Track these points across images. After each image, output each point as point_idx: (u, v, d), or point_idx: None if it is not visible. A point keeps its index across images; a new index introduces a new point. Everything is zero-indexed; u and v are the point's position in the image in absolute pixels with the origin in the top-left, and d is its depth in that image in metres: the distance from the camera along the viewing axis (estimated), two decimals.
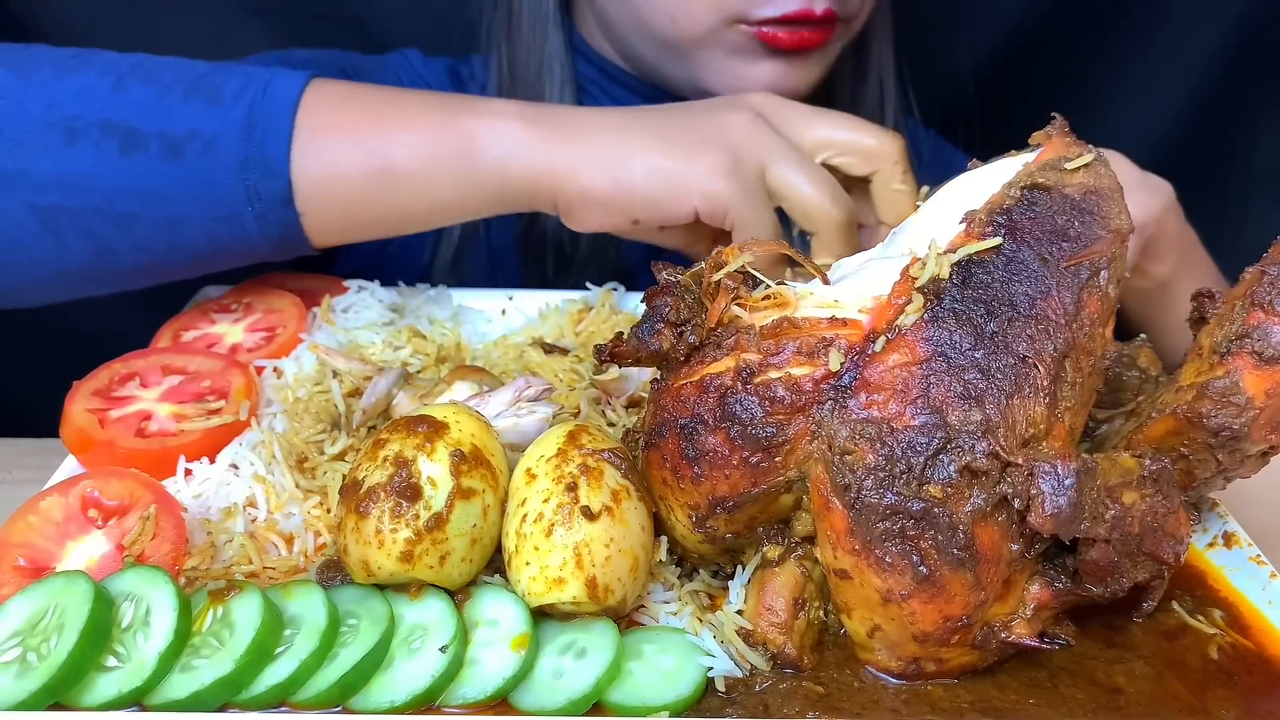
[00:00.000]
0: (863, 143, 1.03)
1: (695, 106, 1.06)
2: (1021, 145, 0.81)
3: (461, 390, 0.88)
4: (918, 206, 0.82)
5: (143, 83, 0.94)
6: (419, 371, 1.00)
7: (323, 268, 1.18)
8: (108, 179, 0.92)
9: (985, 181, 0.78)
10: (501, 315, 1.16)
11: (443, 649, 0.68)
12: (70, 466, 0.87)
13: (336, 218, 0.99)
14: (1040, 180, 0.75)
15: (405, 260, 1.34)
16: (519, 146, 0.97)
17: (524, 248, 1.37)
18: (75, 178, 0.92)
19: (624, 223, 1.00)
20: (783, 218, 1.03)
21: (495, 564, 0.76)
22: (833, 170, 1.03)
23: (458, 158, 0.97)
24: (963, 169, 0.82)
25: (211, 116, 0.93)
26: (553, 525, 0.70)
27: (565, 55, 1.34)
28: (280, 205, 0.95)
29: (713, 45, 1.21)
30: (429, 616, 0.71)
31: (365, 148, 0.96)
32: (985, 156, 0.82)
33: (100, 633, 0.66)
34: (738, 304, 0.74)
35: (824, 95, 1.39)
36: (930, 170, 1.50)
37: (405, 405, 0.90)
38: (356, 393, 0.94)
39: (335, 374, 0.96)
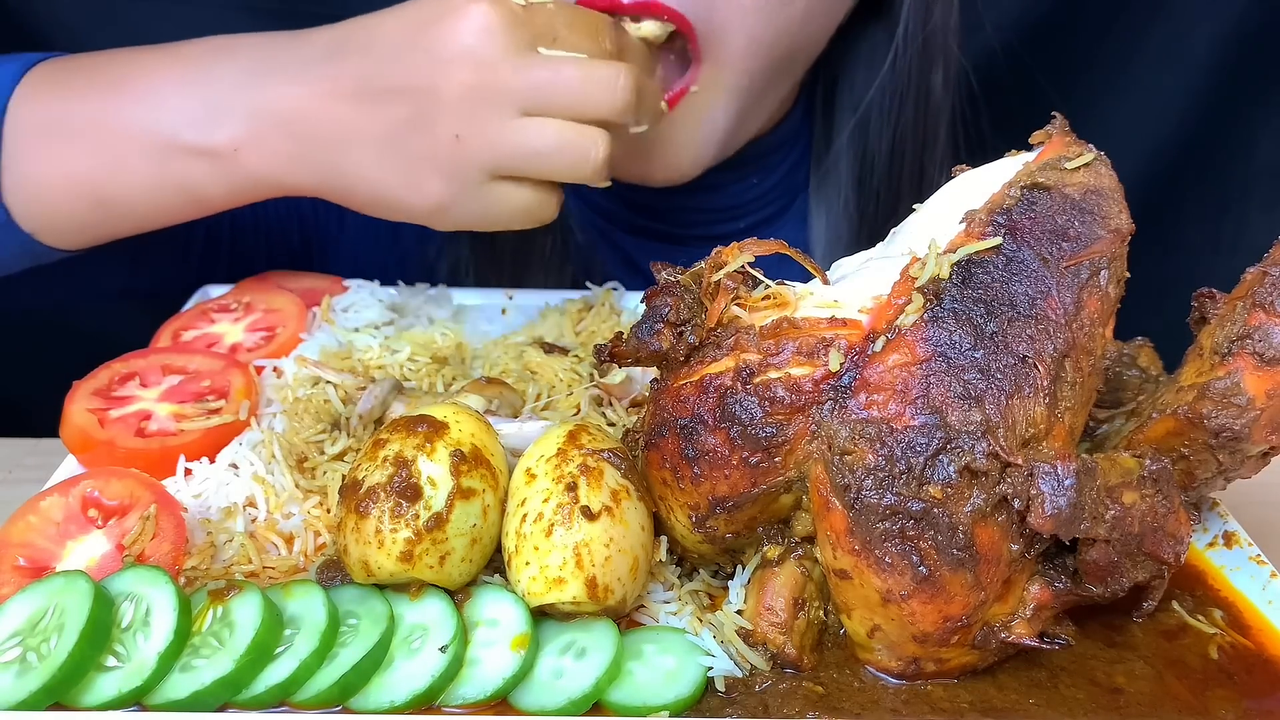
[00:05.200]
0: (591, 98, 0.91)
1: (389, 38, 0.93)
2: (1021, 145, 0.81)
3: (473, 404, 0.88)
4: None
5: None
6: (419, 371, 1.00)
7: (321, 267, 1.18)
8: None
9: (985, 181, 0.78)
10: (502, 315, 1.16)
11: (443, 649, 0.68)
12: (70, 466, 0.87)
13: (72, 235, 1.00)
14: (1040, 180, 0.75)
15: (406, 259, 1.34)
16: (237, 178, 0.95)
17: (526, 247, 1.37)
18: None
19: None
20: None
21: (495, 564, 0.76)
22: None
23: (181, 199, 0.97)
24: None
25: None
26: (553, 525, 0.70)
27: None
28: (2, 229, 0.97)
29: None
30: (429, 616, 0.71)
31: (75, 183, 0.96)
32: (986, 157, 0.82)
33: (100, 633, 0.66)
34: (737, 304, 0.74)
35: None
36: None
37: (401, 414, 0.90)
38: (355, 396, 0.94)
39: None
